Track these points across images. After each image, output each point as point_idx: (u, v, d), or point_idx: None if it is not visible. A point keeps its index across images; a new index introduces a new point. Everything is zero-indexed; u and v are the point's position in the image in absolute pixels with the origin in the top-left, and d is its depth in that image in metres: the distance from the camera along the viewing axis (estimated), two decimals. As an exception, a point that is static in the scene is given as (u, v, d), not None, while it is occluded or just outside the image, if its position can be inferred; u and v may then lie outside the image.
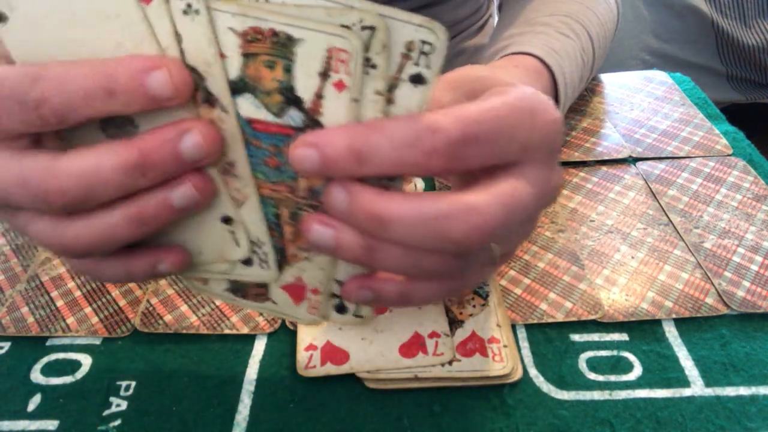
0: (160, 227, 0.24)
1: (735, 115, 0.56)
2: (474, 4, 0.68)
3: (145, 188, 0.22)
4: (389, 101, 0.22)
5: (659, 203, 0.44)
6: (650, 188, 0.46)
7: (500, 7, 0.61)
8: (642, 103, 0.57)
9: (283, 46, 0.21)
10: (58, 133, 0.23)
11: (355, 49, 0.21)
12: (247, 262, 0.27)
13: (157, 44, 0.21)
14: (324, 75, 0.21)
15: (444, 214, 0.21)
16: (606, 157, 0.49)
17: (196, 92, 0.22)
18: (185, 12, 0.21)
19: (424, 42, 0.21)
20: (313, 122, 0.22)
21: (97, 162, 0.21)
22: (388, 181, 0.23)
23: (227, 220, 0.26)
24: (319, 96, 0.22)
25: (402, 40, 0.21)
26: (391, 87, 0.21)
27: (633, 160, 0.49)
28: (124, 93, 0.20)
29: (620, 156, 0.49)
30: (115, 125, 0.23)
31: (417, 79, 0.21)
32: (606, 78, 0.61)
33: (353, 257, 0.23)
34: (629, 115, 0.55)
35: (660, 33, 0.92)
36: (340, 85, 0.21)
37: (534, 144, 0.22)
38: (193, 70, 0.22)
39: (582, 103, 0.57)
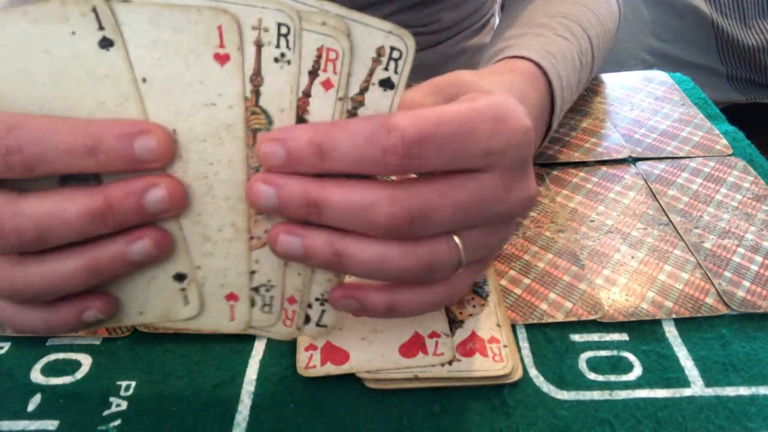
0: (113, 278, 0.24)
1: (735, 115, 0.56)
2: (475, 4, 0.68)
3: (102, 238, 0.23)
4: (360, 103, 0.22)
5: (659, 203, 0.44)
6: (650, 188, 0.46)
7: (503, 6, 0.61)
8: (642, 103, 0.57)
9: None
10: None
11: (344, 50, 0.21)
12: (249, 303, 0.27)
13: (142, 106, 0.22)
14: (313, 73, 0.22)
15: (371, 200, 0.22)
16: (606, 157, 0.49)
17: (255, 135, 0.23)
18: (276, 60, 0.22)
19: (393, 48, 0.22)
20: (300, 121, 0.23)
21: (61, 205, 0.21)
22: None
23: (180, 277, 0.25)
24: (306, 94, 0.22)
25: (373, 45, 0.22)
26: (362, 90, 0.22)
27: (633, 160, 0.49)
28: (106, 154, 0.21)
29: (620, 156, 0.49)
30: (77, 178, 0.23)
31: (386, 84, 0.22)
32: (606, 78, 0.61)
33: (323, 262, 0.24)
34: (629, 115, 0.55)
35: (660, 33, 0.92)
36: (327, 84, 0.22)
37: (497, 150, 0.23)
38: (263, 112, 0.22)
39: (582, 103, 0.57)
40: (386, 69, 0.22)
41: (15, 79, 0.21)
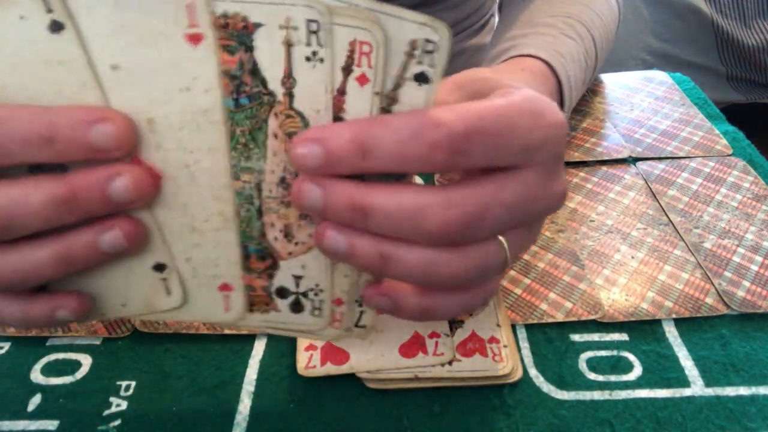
0: (87, 268, 0.24)
1: (735, 115, 0.56)
2: (475, 4, 0.68)
3: (74, 226, 0.22)
4: (394, 100, 0.22)
5: (659, 203, 0.44)
6: (650, 188, 0.46)
7: (500, 7, 0.61)
8: (642, 103, 0.57)
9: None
10: None
11: (378, 42, 0.20)
12: (296, 307, 0.26)
13: (101, 93, 0.21)
14: (346, 69, 0.21)
15: (422, 205, 0.21)
16: (606, 157, 0.49)
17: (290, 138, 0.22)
18: (308, 59, 0.21)
19: (427, 41, 0.21)
20: (337, 120, 0.22)
21: (26, 193, 0.21)
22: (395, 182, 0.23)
23: (160, 267, 0.25)
24: (341, 92, 0.21)
25: (405, 38, 0.21)
26: (396, 86, 0.21)
27: (633, 160, 0.49)
28: (64, 142, 0.20)
29: (620, 156, 0.49)
30: (44, 169, 0.22)
31: (421, 78, 0.21)
32: (606, 78, 0.61)
33: (367, 263, 0.23)
34: (629, 115, 0.55)
35: (660, 33, 0.92)
36: (362, 79, 0.21)
37: (535, 145, 0.22)
38: (298, 114, 0.22)
39: (582, 103, 0.57)
40: (420, 63, 0.21)
41: None
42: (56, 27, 0.20)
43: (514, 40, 0.45)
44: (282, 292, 0.26)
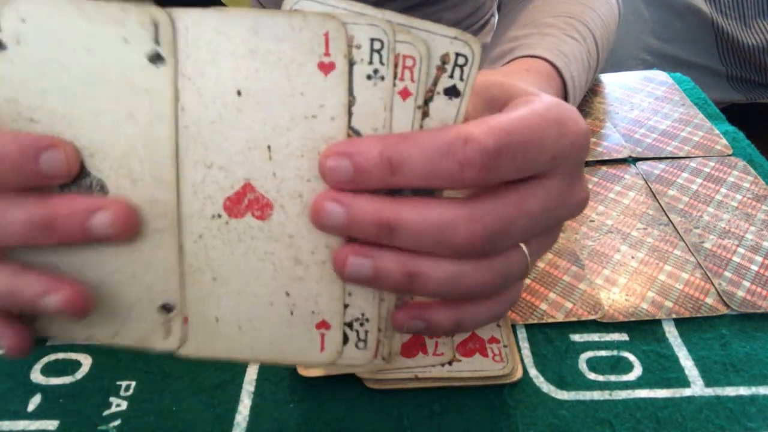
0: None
1: (735, 115, 0.56)
2: (475, 3, 0.68)
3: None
4: (424, 114, 0.21)
5: (659, 203, 0.44)
6: (650, 188, 0.46)
7: (500, 7, 0.61)
8: (642, 103, 0.57)
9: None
10: None
11: (421, 55, 0.20)
12: (341, 340, 0.24)
13: (173, 128, 0.21)
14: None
15: (448, 220, 0.21)
16: (606, 157, 0.49)
17: None
18: (369, 77, 0.21)
19: (458, 54, 0.21)
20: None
21: (7, 210, 0.21)
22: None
23: (167, 308, 0.24)
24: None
25: (437, 53, 0.21)
26: (426, 100, 0.21)
27: (633, 160, 0.49)
28: (9, 165, 0.20)
29: (620, 156, 0.49)
30: None
31: (451, 92, 0.21)
32: (606, 78, 0.61)
33: (393, 284, 0.22)
34: (629, 115, 0.55)
35: (660, 33, 0.92)
36: (405, 93, 0.21)
37: (561, 154, 0.22)
38: (356, 133, 0.21)
39: (582, 103, 0.57)
40: (451, 77, 0.21)
41: (43, 68, 0.21)
42: (157, 59, 0.21)
43: (517, 41, 0.45)
44: None
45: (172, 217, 0.22)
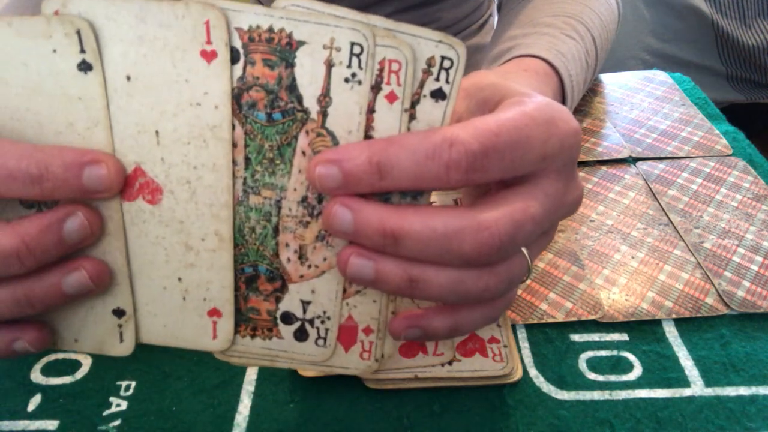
0: (49, 310, 0.23)
1: (735, 115, 0.56)
2: (473, 3, 0.68)
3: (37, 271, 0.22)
4: (411, 117, 0.22)
5: (659, 203, 0.44)
6: (650, 188, 0.46)
7: (499, 6, 0.61)
8: (642, 103, 0.57)
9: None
10: None
11: (407, 59, 0.21)
12: (301, 335, 0.25)
13: (110, 133, 0.22)
14: (376, 88, 0.21)
15: (455, 230, 0.21)
16: (606, 157, 0.49)
17: None
18: (347, 80, 0.21)
19: (444, 57, 0.21)
20: (366, 138, 0.22)
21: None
22: (412, 199, 0.22)
23: (119, 313, 0.24)
24: (371, 110, 0.22)
25: (423, 57, 0.21)
26: (413, 103, 0.22)
27: (633, 160, 0.49)
28: (53, 182, 0.21)
29: (620, 156, 0.49)
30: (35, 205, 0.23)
31: (438, 94, 0.21)
32: (606, 78, 0.61)
33: (395, 287, 0.22)
34: (629, 115, 0.55)
35: (660, 33, 0.92)
36: (391, 97, 0.21)
37: (551, 154, 0.22)
38: (329, 134, 0.22)
39: (582, 103, 0.57)
40: (437, 79, 0.21)
41: None
42: (85, 67, 0.21)
43: (515, 40, 0.45)
44: (287, 318, 0.25)
45: (117, 219, 0.23)
